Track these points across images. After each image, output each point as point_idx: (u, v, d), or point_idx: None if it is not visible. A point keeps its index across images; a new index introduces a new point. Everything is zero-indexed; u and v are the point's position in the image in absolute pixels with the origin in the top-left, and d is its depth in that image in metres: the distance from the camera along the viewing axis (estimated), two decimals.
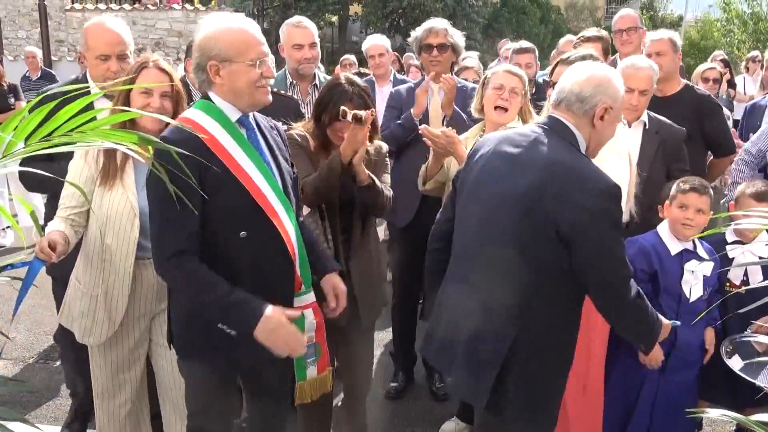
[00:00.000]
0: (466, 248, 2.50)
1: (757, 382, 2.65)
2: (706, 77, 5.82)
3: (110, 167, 2.74)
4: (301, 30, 4.19)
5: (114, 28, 3.30)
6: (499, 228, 2.33)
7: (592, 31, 4.78)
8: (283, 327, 2.30)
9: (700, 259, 3.26)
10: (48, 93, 2.83)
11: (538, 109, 3.63)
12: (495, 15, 25.41)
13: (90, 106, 2.09)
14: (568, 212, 2.20)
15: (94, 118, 1.97)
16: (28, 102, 3.92)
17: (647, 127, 3.64)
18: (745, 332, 3.24)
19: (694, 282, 3.23)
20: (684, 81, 4.30)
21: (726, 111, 4.94)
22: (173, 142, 2.11)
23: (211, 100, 2.42)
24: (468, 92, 4.15)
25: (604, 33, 4.71)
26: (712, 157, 4.32)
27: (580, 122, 2.36)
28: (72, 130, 1.86)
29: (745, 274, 3.37)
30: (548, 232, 2.23)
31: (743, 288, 3.13)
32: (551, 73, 3.19)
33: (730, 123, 4.95)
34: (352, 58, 7.28)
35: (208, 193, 2.29)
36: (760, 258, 3.27)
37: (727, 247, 3.34)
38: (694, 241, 3.27)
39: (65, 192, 2.83)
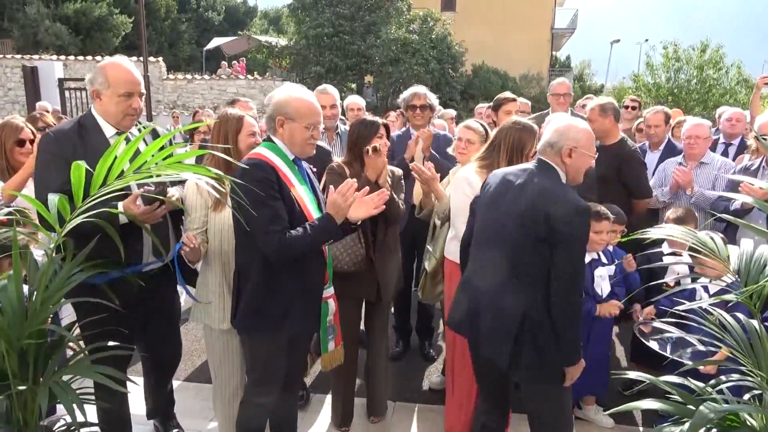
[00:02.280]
0: (483, 246, 2.47)
1: (670, 356, 2.60)
2: (640, 128, 5.60)
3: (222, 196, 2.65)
4: (324, 95, 4.23)
5: (132, 68, 2.61)
6: (507, 232, 2.32)
7: (506, 94, 4.63)
8: (337, 204, 2.32)
9: (604, 264, 3.28)
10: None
11: None
12: (468, 83, 25.47)
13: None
14: (552, 224, 2.18)
15: (171, 155, 1.96)
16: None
17: None
18: (640, 318, 3.26)
19: (602, 282, 3.25)
20: (621, 135, 4.16)
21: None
22: (259, 165, 2.30)
23: (273, 142, 2.42)
24: (441, 138, 4.23)
25: (516, 96, 4.63)
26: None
27: (556, 160, 2.36)
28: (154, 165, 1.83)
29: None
30: (537, 237, 2.22)
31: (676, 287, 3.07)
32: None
33: None
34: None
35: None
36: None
37: (664, 258, 3.34)
38: (597, 252, 3.31)
39: (188, 219, 2.74)
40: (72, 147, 2.45)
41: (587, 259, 3.25)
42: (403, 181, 3.31)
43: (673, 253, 3.29)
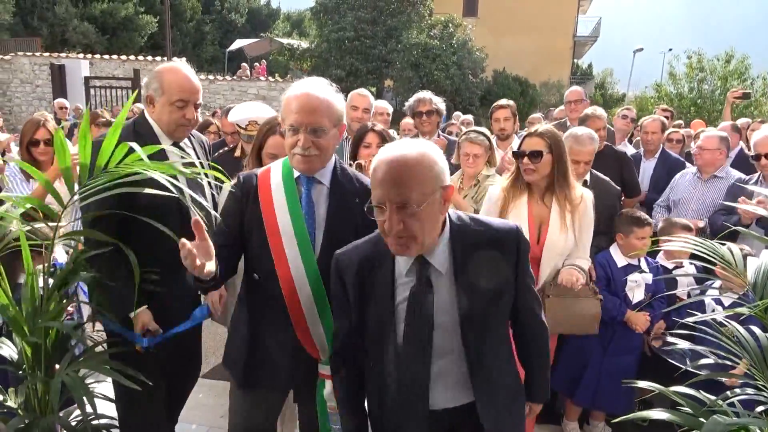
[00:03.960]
0: None
1: (683, 366, 2.57)
2: (671, 138, 5.41)
3: None
4: (360, 97, 4.16)
5: (191, 75, 2.33)
6: None
7: (503, 102, 4.42)
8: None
9: (643, 272, 3.21)
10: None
11: None
12: (488, 89, 25.43)
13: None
14: None
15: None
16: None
17: (587, 183, 3.34)
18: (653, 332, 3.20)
19: (636, 288, 3.17)
20: (606, 142, 4.20)
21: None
22: (240, 177, 1.99)
23: None
24: (452, 144, 4.18)
25: (511, 102, 4.43)
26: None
27: None
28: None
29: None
30: None
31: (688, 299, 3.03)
32: (520, 144, 2.82)
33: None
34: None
35: (246, 232, 1.95)
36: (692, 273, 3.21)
37: (674, 272, 3.29)
38: (639, 258, 3.22)
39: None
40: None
41: (623, 262, 3.20)
42: None
43: (676, 266, 3.27)
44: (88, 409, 1.85)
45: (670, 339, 2.93)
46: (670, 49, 26.46)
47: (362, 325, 1.67)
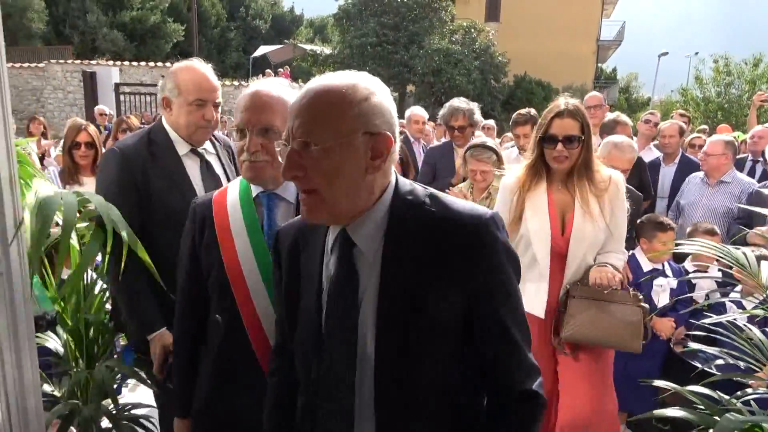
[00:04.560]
0: None
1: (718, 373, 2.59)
2: (693, 143, 5.47)
3: None
4: None
5: (208, 73, 2.18)
6: None
7: (523, 115, 4.28)
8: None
9: (667, 276, 3.26)
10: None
11: None
12: (510, 94, 25.35)
13: None
14: None
15: None
16: None
17: None
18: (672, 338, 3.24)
19: (661, 293, 3.22)
20: None
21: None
22: (193, 205, 1.69)
23: None
24: None
25: (533, 112, 4.30)
26: None
27: None
28: None
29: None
30: None
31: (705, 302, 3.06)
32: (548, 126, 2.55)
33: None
34: None
35: (204, 269, 1.61)
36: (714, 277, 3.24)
37: (691, 275, 3.34)
38: (663, 263, 3.26)
39: None
40: (141, 167, 2.08)
41: (648, 267, 3.23)
42: None
43: (699, 269, 3.29)
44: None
45: (691, 344, 2.94)
46: (696, 53, 26.08)
47: (293, 317, 1.26)
